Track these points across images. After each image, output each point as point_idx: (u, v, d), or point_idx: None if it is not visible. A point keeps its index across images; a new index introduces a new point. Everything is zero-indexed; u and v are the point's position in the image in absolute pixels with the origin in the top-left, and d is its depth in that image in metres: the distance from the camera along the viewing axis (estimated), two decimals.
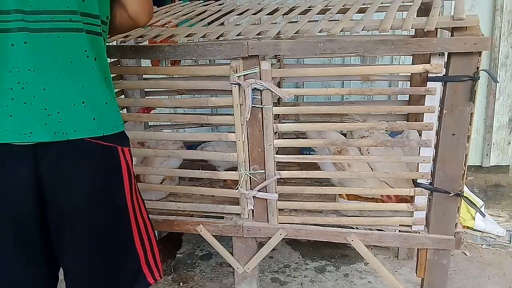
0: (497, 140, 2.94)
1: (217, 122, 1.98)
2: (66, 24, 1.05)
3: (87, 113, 1.09)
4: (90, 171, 1.12)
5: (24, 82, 1.03)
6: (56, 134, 1.06)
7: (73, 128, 1.07)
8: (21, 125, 1.04)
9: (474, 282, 2.19)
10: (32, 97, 1.04)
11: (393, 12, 1.54)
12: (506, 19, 2.75)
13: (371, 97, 2.36)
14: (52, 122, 1.05)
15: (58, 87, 1.05)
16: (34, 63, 1.03)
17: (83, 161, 1.11)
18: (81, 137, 1.08)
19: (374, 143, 1.61)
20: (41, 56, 1.03)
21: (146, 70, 2.07)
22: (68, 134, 1.07)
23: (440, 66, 1.43)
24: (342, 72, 1.64)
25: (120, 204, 1.20)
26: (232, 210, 1.76)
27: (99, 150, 1.13)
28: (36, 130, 1.04)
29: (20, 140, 1.04)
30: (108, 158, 1.15)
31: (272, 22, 1.72)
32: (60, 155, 1.09)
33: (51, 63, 1.05)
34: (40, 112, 1.05)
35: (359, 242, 1.65)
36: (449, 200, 1.54)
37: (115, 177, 1.18)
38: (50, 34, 1.03)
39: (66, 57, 1.06)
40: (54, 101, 1.05)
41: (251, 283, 1.80)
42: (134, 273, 1.26)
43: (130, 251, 1.25)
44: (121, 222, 1.22)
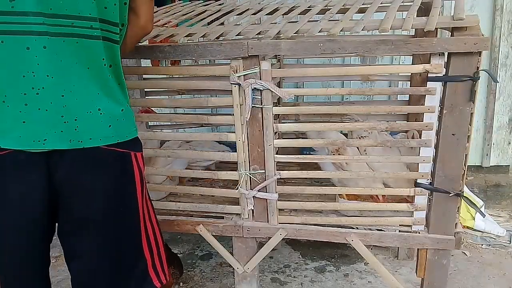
0: (497, 140, 2.94)
1: (217, 122, 1.98)
2: (86, 30, 1.03)
3: (103, 120, 1.08)
4: (105, 179, 1.12)
5: (40, 87, 1.00)
6: (72, 142, 1.05)
7: (89, 136, 1.07)
8: (35, 131, 1.02)
9: (474, 282, 2.19)
10: (49, 104, 1.02)
11: (393, 12, 1.54)
12: (506, 19, 2.75)
13: (371, 97, 2.36)
14: (68, 129, 1.04)
15: (76, 94, 1.04)
16: (53, 68, 1.00)
17: (98, 170, 1.10)
18: (97, 145, 1.08)
19: (374, 143, 1.61)
20: (60, 61, 1.01)
21: (146, 70, 2.07)
22: (83, 142, 1.06)
23: (440, 66, 1.43)
24: (342, 72, 1.64)
25: (132, 209, 1.20)
26: (232, 210, 1.76)
27: (113, 157, 1.12)
28: (51, 137, 1.03)
29: (34, 147, 1.03)
30: (122, 164, 1.15)
31: (272, 22, 1.72)
32: (74, 163, 1.08)
33: (69, 69, 1.02)
34: (57, 119, 1.03)
35: (359, 242, 1.65)
36: (449, 200, 1.54)
37: (129, 184, 1.18)
38: (68, 40, 1.01)
39: (84, 63, 1.04)
40: (72, 108, 1.04)
41: (251, 283, 1.80)
42: (141, 277, 1.27)
43: (138, 255, 1.25)
44: (132, 227, 1.22)
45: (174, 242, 2.65)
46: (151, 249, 1.28)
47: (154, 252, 1.29)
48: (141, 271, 1.26)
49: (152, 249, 1.28)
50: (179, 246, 2.62)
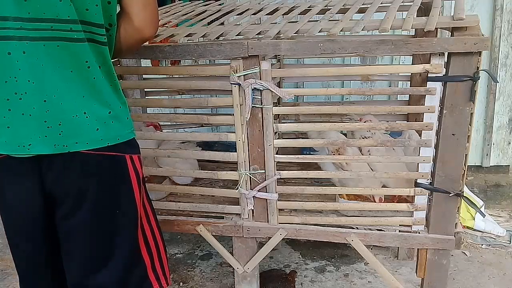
0: (497, 140, 2.94)
1: (217, 122, 1.98)
2: (67, 33, 1.00)
3: (90, 123, 1.05)
4: (94, 185, 1.09)
5: (22, 92, 0.99)
6: (57, 147, 1.03)
7: (74, 140, 1.04)
8: (20, 137, 1.01)
9: (474, 282, 2.19)
10: (32, 109, 1.00)
11: (393, 12, 1.54)
12: (506, 19, 2.75)
13: (371, 97, 2.36)
14: (52, 134, 1.02)
15: (59, 98, 1.01)
16: (34, 73, 0.99)
17: (87, 175, 1.08)
18: (82, 150, 1.05)
19: (374, 143, 1.61)
20: (41, 65, 0.99)
21: (146, 70, 2.07)
22: (69, 146, 1.04)
23: (440, 66, 1.43)
24: (342, 72, 1.64)
25: (127, 213, 1.17)
26: (232, 210, 1.76)
27: (105, 161, 1.09)
28: (36, 142, 1.01)
29: (19, 152, 1.02)
30: (114, 168, 1.12)
31: (272, 22, 1.72)
32: (65, 168, 1.06)
33: (51, 73, 1.00)
34: (40, 124, 1.01)
35: (359, 242, 1.65)
36: (449, 200, 1.54)
37: (123, 187, 1.15)
38: (49, 43, 0.99)
39: (67, 66, 1.01)
40: (55, 113, 1.02)
41: (251, 283, 1.80)
42: (140, 282, 1.24)
43: (136, 260, 1.22)
44: (128, 231, 1.19)
45: (174, 242, 2.65)
46: (150, 252, 1.25)
47: (154, 255, 1.27)
48: (140, 275, 1.24)
49: (152, 252, 1.26)
50: (179, 246, 2.61)
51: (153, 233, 1.27)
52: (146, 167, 1.89)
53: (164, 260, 1.31)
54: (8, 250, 1.29)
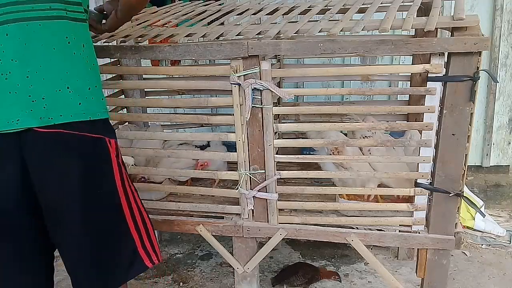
0: (497, 140, 2.94)
1: (217, 122, 1.98)
2: (46, 12, 1.07)
3: (72, 98, 1.12)
4: (77, 163, 1.14)
5: (7, 72, 1.06)
6: (42, 119, 1.08)
7: (58, 113, 1.10)
8: (8, 113, 1.07)
9: (474, 282, 2.19)
10: (16, 86, 1.06)
11: (393, 12, 1.54)
12: (506, 19, 2.75)
13: (371, 97, 2.36)
14: (37, 108, 1.08)
15: (41, 74, 1.08)
16: (17, 53, 1.06)
17: (70, 153, 1.14)
18: (68, 121, 1.11)
19: (374, 143, 1.61)
20: (24, 45, 1.06)
21: (146, 70, 2.07)
22: (54, 119, 1.09)
23: (440, 66, 1.43)
24: (342, 72, 1.64)
25: (110, 192, 1.23)
26: (232, 210, 1.76)
27: (87, 142, 1.15)
28: (23, 116, 1.07)
29: (9, 128, 1.07)
30: (95, 148, 1.18)
31: (272, 22, 1.72)
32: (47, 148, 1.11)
33: (34, 51, 1.07)
34: (25, 99, 1.07)
35: (359, 242, 1.65)
36: (449, 200, 1.54)
37: (105, 167, 1.21)
38: (31, 23, 1.06)
39: (49, 44, 1.08)
40: (38, 87, 1.08)
41: (251, 283, 1.80)
42: (130, 257, 1.28)
43: (125, 236, 1.27)
44: (112, 209, 1.24)
45: (174, 242, 2.65)
46: (138, 230, 1.30)
47: (143, 233, 1.31)
48: (130, 252, 1.28)
49: (140, 230, 1.30)
50: (179, 246, 2.62)
51: (140, 212, 1.32)
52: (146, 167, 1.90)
53: (153, 238, 1.35)
54: None
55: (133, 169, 1.81)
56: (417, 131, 1.66)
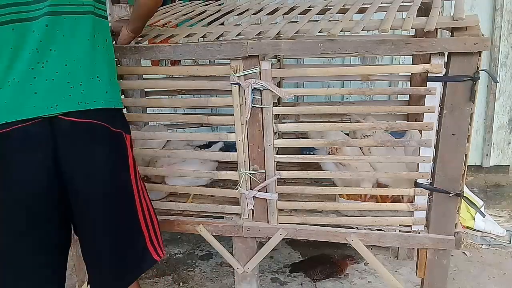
0: (497, 140, 2.94)
1: (217, 122, 1.98)
2: (80, 7, 1.18)
3: (101, 86, 1.22)
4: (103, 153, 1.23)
5: (44, 61, 1.13)
6: (80, 104, 1.17)
7: (93, 99, 1.19)
8: (47, 99, 1.14)
9: (474, 282, 2.19)
10: (55, 73, 1.14)
11: (393, 12, 1.54)
12: (506, 19, 2.75)
13: (371, 97, 2.36)
14: (75, 93, 1.16)
15: (78, 63, 1.17)
16: (56, 43, 1.14)
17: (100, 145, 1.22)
18: (99, 107, 1.20)
19: (374, 143, 1.61)
20: (62, 36, 1.15)
21: (146, 70, 2.07)
22: (89, 104, 1.18)
23: (440, 66, 1.43)
24: (342, 72, 1.64)
25: (127, 185, 1.30)
26: (232, 210, 1.76)
27: (109, 134, 1.23)
28: (61, 102, 1.15)
29: (48, 113, 1.14)
30: (116, 142, 1.27)
31: (272, 22, 1.72)
32: (80, 137, 1.18)
33: (71, 42, 1.16)
34: (64, 85, 1.15)
35: (359, 242, 1.65)
36: (449, 200, 1.54)
37: (123, 160, 1.29)
38: (68, 17, 1.16)
39: (83, 36, 1.18)
40: (76, 75, 1.16)
41: (251, 283, 1.80)
42: (141, 251, 1.35)
43: (137, 230, 1.34)
44: (129, 203, 1.31)
45: (174, 242, 2.65)
46: (147, 225, 1.36)
47: (150, 228, 1.38)
48: (141, 245, 1.35)
49: (148, 226, 1.37)
50: (179, 246, 2.62)
51: (148, 209, 1.38)
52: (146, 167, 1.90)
53: (158, 234, 1.42)
54: None
55: None
56: (417, 131, 1.66)
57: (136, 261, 1.35)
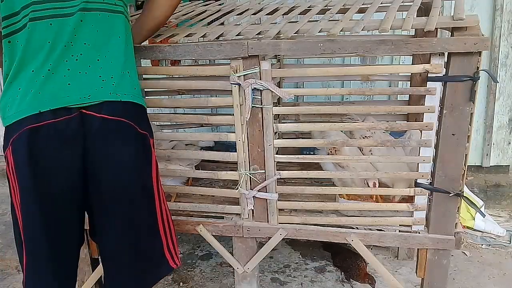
0: (497, 140, 2.94)
1: (217, 122, 1.98)
2: (112, 6, 1.25)
3: (131, 82, 1.26)
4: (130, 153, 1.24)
5: (78, 54, 1.18)
6: (111, 95, 1.20)
7: (123, 91, 1.23)
8: (80, 90, 1.17)
9: (474, 282, 2.19)
10: (88, 67, 1.19)
11: (393, 12, 1.54)
12: (506, 19, 2.75)
13: (371, 97, 2.36)
14: (107, 85, 1.20)
15: (109, 58, 1.22)
16: (90, 38, 1.19)
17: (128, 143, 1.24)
18: (130, 100, 1.23)
19: (374, 143, 1.61)
20: (96, 31, 1.20)
21: (146, 70, 2.06)
22: (120, 96, 1.22)
23: (440, 66, 1.43)
24: (342, 72, 1.64)
25: (150, 188, 1.30)
26: (232, 210, 1.76)
27: (135, 135, 1.25)
28: (94, 93, 1.19)
29: (81, 102, 1.17)
30: (143, 143, 1.29)
31: (272, 22, 1.72)
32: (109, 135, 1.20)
33: (104, 38, 1.22)
34: (96, 79, 1.19)
35: (359, 242, 1.65)
36: (449, 200, 1.54)
37: (148, 163, 1.30)
38: (102, 13, 1.22)
39: (115, 33, 1.24)
40: (108, 69, 1.21)
41: (251, 283, 1.80)
42: (159, 257, 1.35)
43: (157, 235, 1.34)
44: (150, 207, 1.31)
45: None
46: (165, 231, 1.37)
47: (168, 234, 1.38)
48: (159, 251, 1.35)
49: (166, 232, 1.37)
50: (179, 246, 2.61)
51: (167, 215, 1.39)
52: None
53: (175, 242, 1.42)
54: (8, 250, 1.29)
55: None
56: (417, 131, 1.66)
57: (154, 267, 1.35)
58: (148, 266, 1.34)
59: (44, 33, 1.16)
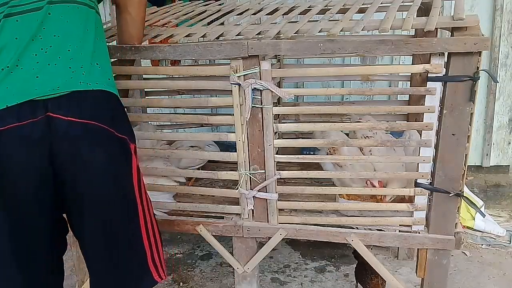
0: (497, 140, 2.94)
1: (217, 122, 1.98)
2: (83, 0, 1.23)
3: (102, 73, 1.22)
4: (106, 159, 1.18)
5: (48, 46, 1.15)
6: (82, 84, 1.16)
7: (95, 81, 1.19)
8: (49, 82, 1.13)
9: (474, 282, 2.19)
10: (57, 58, 1.15)
11: (393, 12, 1.54)
12: (506, 19, 2.75)
13: (371, 97, 2.36)
14: (77, 75, 1.16)
15: (80, 49, 1.19)
16: (59, 29, 1.17)
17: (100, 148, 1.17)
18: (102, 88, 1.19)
19: (374, 143, 1.61)
20: (66, 22, 1.18)
21: (146, 70, 2.07)
22: (91, 85, 1.17)
23: (440, 66, 1.43)
24: (342, 72, 1.64)
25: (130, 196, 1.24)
26: (232, 210, 1.76)
27: (114, 140, 1.20)
28: (63, 84, 1.14)
29: (50, 93, 1.12)
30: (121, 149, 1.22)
31: (272, 22, 1.72)
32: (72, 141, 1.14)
33: (74, 28, 1.19)
34: (66, 70, 1.15)
35: (359, 242, 1.65)
36: (449, 200, 1.54)
37: (126, 169, 1.24)
38: (71, 5, 1.20)
39: (84, 25, 1.21)
40: (78, 59, 1.17)
41: (251, 283, 1.80)
42: (141, 269, 1.28)
43: (139, 245, 1.27)
44: (130, 214, 1.25)
45: (174, 242, 2.65)
46: (149, 241, 1.30)
47: (153, 245, 1.31)
48: (141, 263, 1.28)
49: (151, 242, 1.30)
50: (179, 246, 2.62)
51: (152, 225, 1.32)
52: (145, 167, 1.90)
53: (161, 253, 1.35)
54: None
55: None
56: (416, 131, 1.66)
57: (135, 279, 1.29)
58: (129, 278, 1.27)
59: (11, 30, 1.13)
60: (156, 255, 1.31)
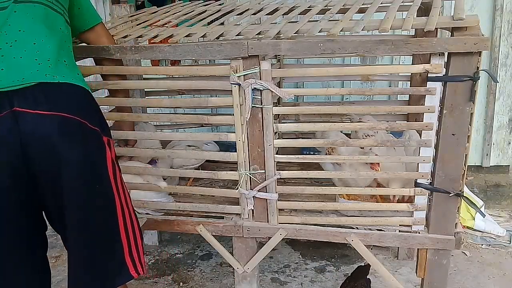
0: (497, 140, 2.94)
1: (217, 122, 1.98)
2: (49, 3, 1.26)
3: (69, 69, 1.22)
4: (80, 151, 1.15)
5: (12, 41, 1.15)
6: (47, 76, 1.15)
7: (62, 74, 1.18)
8: (13, 74, 1.12)
9: (474, 282, 2.19)
10: (23, 51, 1.15)
11: (393, 12, 1.54)
12: (506, 19, 2.75)
13: (371, 97, 2.36)
14: (43, 68, 1.16)
15: (46, 43, 1.19)
16: (24, 24, 1.18)
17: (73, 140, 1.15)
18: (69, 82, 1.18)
19: (374, 143, 1.61)
20: (32, 18, 1.20)
21: (146, 70, 2.07)
22: (57, 77, 1.16)
23: (440, 66, 1.43)
24: (342, 72, 1.64)
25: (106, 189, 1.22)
26: (232, 210, 1.76)
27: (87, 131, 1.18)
28: (28, 75, 1.13)
29: (14, 84, 1.11)
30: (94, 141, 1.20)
31: (272, 22, 1.72)
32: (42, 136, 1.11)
33: (40, 25, 1.20)
34: (31, 62, 1.15)
35: (359, 242, 1.65)
36: (449, 200, 1.54)
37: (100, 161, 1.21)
38: (37, 5, 1.22)
39: (51, 23, 1.23)
40: (44, 52, 1.18)
41: (251, 283, 1.80)
42: (118, 263, 1.25)
43: (115, 239, 1.24)
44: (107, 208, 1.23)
45: (174, 242, 2.65)
46: (128, 236, 1.27)
47: (131, 238, 1.28)
48: (118, 257, 1.25)
49: (129, 237, 1.27)
50: (179, 246, 2.62)
51: (131, 218, 1.29)
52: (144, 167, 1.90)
53: (140, 248, 1.32)
54: None
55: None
56: (416, 131, 1.66)
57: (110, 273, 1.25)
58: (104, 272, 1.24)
59: None
60: (134, 249, 1.28)
